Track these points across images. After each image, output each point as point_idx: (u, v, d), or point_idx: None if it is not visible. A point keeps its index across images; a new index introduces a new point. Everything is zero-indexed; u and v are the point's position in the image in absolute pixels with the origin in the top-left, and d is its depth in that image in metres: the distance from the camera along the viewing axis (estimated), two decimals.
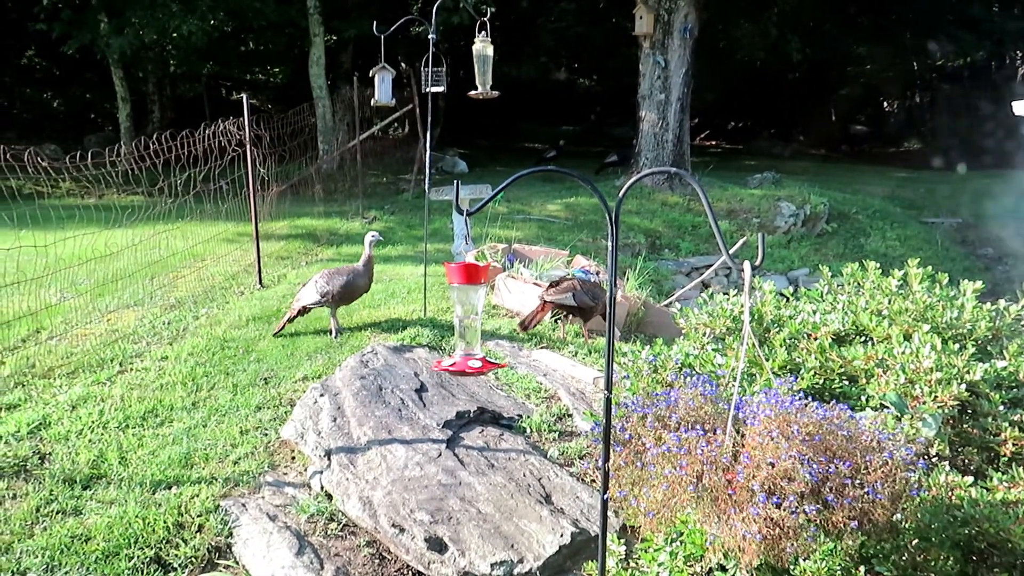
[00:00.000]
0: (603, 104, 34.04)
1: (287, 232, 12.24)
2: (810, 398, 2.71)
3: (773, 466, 2.41)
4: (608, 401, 2.56)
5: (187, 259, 9.61)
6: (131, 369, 5.90)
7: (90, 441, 4.66)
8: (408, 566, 3.65)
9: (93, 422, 4.91)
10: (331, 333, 6.55)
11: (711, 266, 10.99)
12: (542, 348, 6.54)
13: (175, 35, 17.89)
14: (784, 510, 2.37)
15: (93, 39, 18.49)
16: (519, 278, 7.61)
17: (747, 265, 2.41)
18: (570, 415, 5.06)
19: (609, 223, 2.36)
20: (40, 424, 4.87)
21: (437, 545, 3.64)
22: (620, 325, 7.14)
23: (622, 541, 3.62)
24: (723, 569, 3.01)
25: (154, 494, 4.09)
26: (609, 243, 2.31)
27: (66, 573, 3.49)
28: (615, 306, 2.58)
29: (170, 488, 4.15)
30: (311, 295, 6.51)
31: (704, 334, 4.17)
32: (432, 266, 9.42)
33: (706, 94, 25.38)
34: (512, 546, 3.61)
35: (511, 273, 7.83)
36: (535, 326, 6.59)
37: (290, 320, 6.66)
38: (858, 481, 2.46)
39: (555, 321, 7.05)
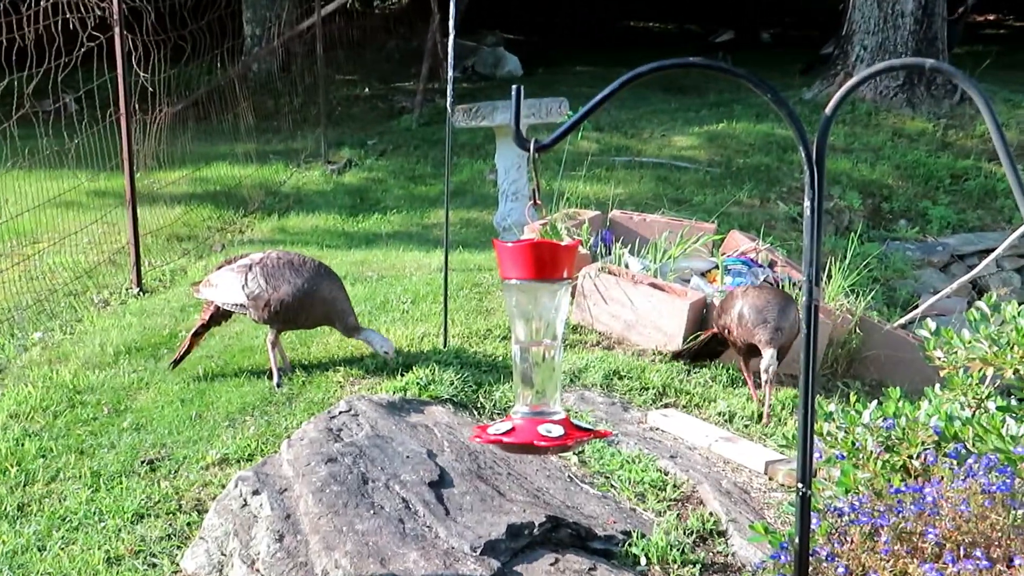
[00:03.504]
0: None
1: (188, 190, 12.38)
2: None
3: None
4: (804, 502, 2.54)
5: (5, 241, 9.75)
6: None
7: None
8: None
9: None
10: (270, 375, 6.60)
11: (991, 251, 10.81)
12: (666, 406, 6.49)
13: None
14: None
15: None
16: (622, 274, 7.58)
17: None
18: (723, 532, 5.02)
19: (808, 169, 2.34)
20: None
21: None
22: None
23: None
24: None
25: None
26: (806, 207, 2.30)
27: None
28: (816, 328, 2.57)
29: None
30: (231, 290, 6.52)
31: (984, 379, 4.12)
32: (458, 252, 9.42)
33: None
34: None
35: (607, 264, 7.80)
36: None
37: (197, 335, 6.72)
38: None
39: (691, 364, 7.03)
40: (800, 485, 2.58)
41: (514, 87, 2.77)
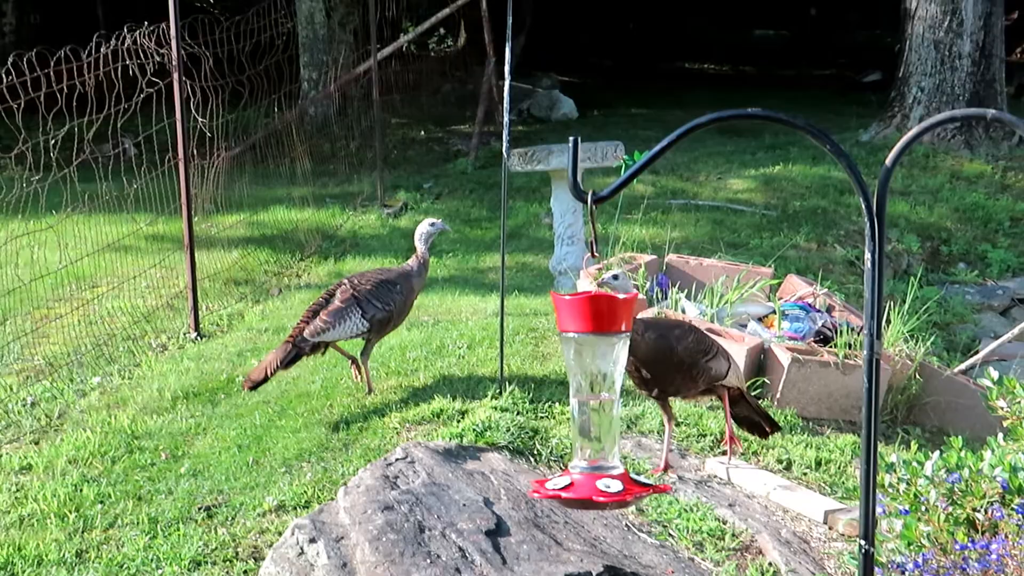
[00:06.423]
0: None
1: (245, 234, 12.45)
2: None
3: None
4: (867, 560, 2.51)
5: (65, 285, 9.83)
6: None
7: None
8: None
9: None
10: (366, 388, 7.01)
11: None
12: (724, 453, 6.45)
13: None
14: None
15: None
16: (680, 319, 7.56)
17: None
18: None
19: (868, 220, 2.32)
20: None
21: None
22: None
23: None
24: None
25: None
26: (867, 258, 2.28)
27: None
28: (877, 382, 2.54)
29: None
30: (351, 323, 6.83)
31: None
32: (513, 296, 9.41)
33: None
34: None
35: (663, 310, 7.78)
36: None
37: (287, 364, 6.83)
38: None
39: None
40: (863, 542, 2.55)
41: (571, 138, 2.78)
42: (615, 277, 5.86)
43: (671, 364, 6.02)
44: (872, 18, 31.43)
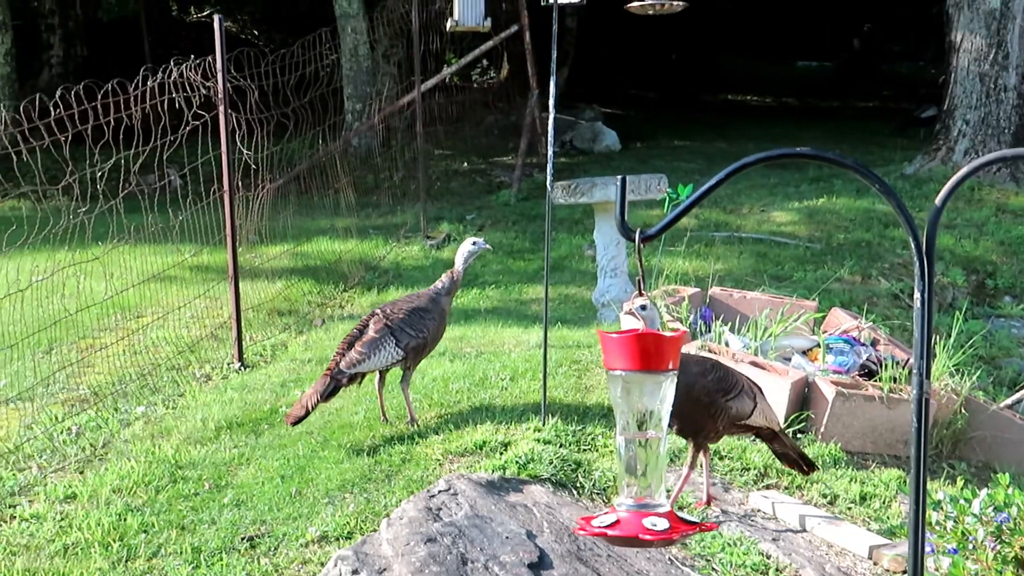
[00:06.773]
0: (876, 20, 33.83)
1: (289, 264, 12.50)
2: None
3: None
4: None
5: (111, 315, 9.89)
6: (9, 519, 6.08)
7: None
8: None
9: None
10: (408, 419, 7.06)
11: None
12: (768, 487, 6.42)
13: None
14: None
15: None
16: (722, 352, 7.54)
17: None
18: None
19: (917, 259, 2.31)
20: None
21: None
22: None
23: None
24: None
25: None
26: (917, 298, 2.27)
27: None
28: (927, 422, 2.53)
29: None
30: (387, 353, 6.96)
31: None
32: (556, 328, 9.41)
33: None
34: None
35: (707, 343, 7.76)
36: None
37: (327, 398, 6.92)
38: None
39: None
40: None
41: (619, 177, 2.78)
42: (643, 307, 5.77)
43: (688, 402, 5.93)
44: (916, 50, 31.49)
